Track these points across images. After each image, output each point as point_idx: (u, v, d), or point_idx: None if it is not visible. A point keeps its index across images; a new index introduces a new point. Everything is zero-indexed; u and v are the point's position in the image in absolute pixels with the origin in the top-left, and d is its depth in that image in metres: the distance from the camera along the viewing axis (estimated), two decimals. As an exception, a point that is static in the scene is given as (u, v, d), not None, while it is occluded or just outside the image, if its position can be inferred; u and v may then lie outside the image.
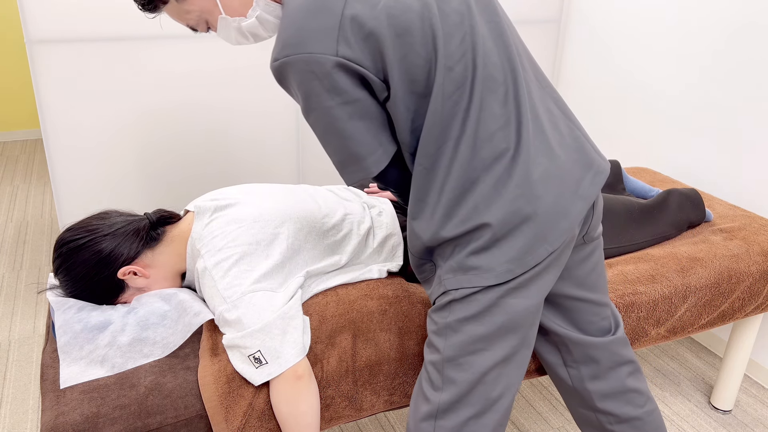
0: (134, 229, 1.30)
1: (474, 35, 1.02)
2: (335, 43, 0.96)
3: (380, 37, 0.97)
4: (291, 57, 0.96)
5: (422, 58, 0.99)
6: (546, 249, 1.07)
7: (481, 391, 1.11)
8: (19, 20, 4.07)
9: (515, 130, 1.05)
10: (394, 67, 0.99)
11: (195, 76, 2.07)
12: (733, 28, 2.03)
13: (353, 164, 1.05)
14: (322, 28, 0.96)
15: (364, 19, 0.96)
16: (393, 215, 1.48)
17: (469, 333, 1.09)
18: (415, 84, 1.01)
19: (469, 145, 1.03)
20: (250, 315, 1.16)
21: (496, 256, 1.06)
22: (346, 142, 1.03)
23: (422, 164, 1.06)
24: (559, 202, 1.07)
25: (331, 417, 1.26)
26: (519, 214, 1.05)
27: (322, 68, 0.96)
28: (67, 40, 1.88)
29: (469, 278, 1.07)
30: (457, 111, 1.02)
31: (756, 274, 1.62)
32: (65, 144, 1.98)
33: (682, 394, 2.05)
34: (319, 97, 0.99)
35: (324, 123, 1.02)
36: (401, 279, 1.42)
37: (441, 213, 1.06)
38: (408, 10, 0.98)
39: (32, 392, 1.98)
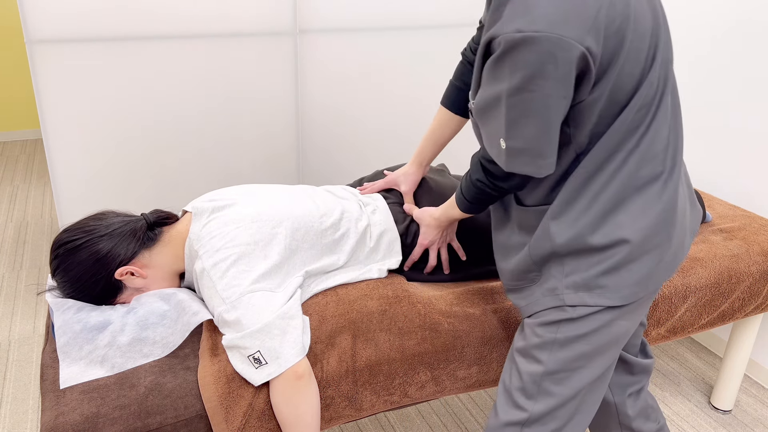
0: (131, 229, 1.30)
1: (667, 52, 1.00)
2: (586, 32, 0.89)
3: (624, 37, 0.92)
4: (541, 34, 0.88)
5: (639, 68, 0.96)
6: (664, 277, 1.09)
7: (572, 405, 1.14)
8: (19, 20, 4.07)
9: (672, 155, 1.05)
10: (614, 71, 0.94)
11: (195, 76, 2.07)
12: (733, 27, 2.02)
13: (531, 156, 0.99)
14: (580, 12, 0.89)
15: (616, 15, 0.91)
16: (387, 212, 1.47)
17: (576, 351, 1.10)
18: (619, 93, 0.97)
19: (636, 161, 1.02)
20: (249, 315, 1.16)
21: (625, 277, 1.06)
22: (541, 136, 0.96)
23: (587, 167, 1.03)
24: (683, 235, 1.10)
25: (331, 417, 1.26)
26: (656, 239, 1.05)
27: (567, 55, 0.88)
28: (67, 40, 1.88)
29: (593, 297, 1.07)
30: (639, 125, 1.01)
31: (756, 274, 1.62)
32: (65, 144, 1.98)
33: (682, 394, 2.05)
34: (544, 82, 0.91)
35: (531, 108, 0.94)
36: (401, 279, 1.42)
37: (587, 221, 1.05)
38: (643, 17, 0.94)
39: (32, 392, 1.98)
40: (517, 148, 0.99)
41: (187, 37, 2.02)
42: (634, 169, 1.02)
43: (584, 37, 0.89)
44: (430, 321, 1.32)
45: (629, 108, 0.98)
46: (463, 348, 1.32)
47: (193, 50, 2.04)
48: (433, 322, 1.32)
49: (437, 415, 1.94)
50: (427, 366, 1.30)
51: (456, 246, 1.45)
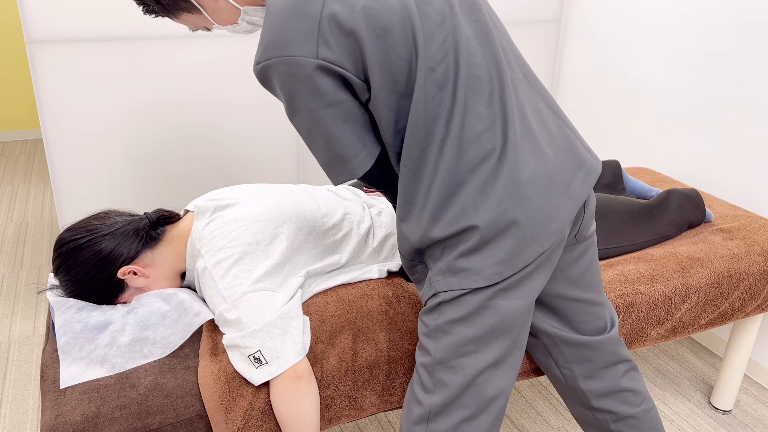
0: (134, 228, 1.30)
1: (456, 35, 1.02)
2: (315, 46, 0.96)
3: (360, 37, 0.97)
4: (272, 60, 0.97)
5: (403, 58, 0.99)
6: (535, 250, 1.06)
7: (474, 393, 1.11)
8: (19, 20, 4.07)
9: (501, 130, 1.04)
10: (374, 67, 0.98)
11: (195, 76, 2.07)
12: (733, 27, 2.03)
13: (338, 165, 1.06)
14: (302, 30, 0.96)
15: (343, 20, 0.96)
16: (392, 215, 1.48)
17: (459, 335, 1.09)
18: (397, 84, 1.00)
19: (455, 147, 1.03)
20: (250, 315, 1.16)
21: (485, 258, 1.05)
22: (330, 144, 1.03)
23: (407, 166, 1.05)
24: (548, 203, 1.06)
25: (331, 417, 1.26)
26: (507, 216, 1.04)
27: (303, 71, 0.96)
28: (67, 40, 1.88)
29: (458, 280, 1.07)
30: (440, 112, 1.02)
31: (756, 274, 1.62)
32: (65, 144, 1.98)
33: (682, 394, 2.05)
34: (302, 99, 0.99)
35: (308, 125, 1.02)
36: (401, 279, 1.42)
37: (428, 215, 1.06)
38: (387, 10, 0.98)
39: (32, 392, 1.98)
40: (324, 162, 1.07)
41: (187, 37, 2.02)
42: (455, 155, 1.03)
43: (314, 51, 0.95)
44: (430, 321, 1.32)
45: (416, 99, 1.00)
46: (464, 348, 1.32)
47: (193, 50, 2.04)
48: (434, 322, 1.32)
49: (437, 415, 1.94)
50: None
51: None
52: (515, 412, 1.94)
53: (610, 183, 1.92)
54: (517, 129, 1.05)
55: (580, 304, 1.24)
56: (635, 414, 1.30)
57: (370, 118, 1.06)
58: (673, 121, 2.28)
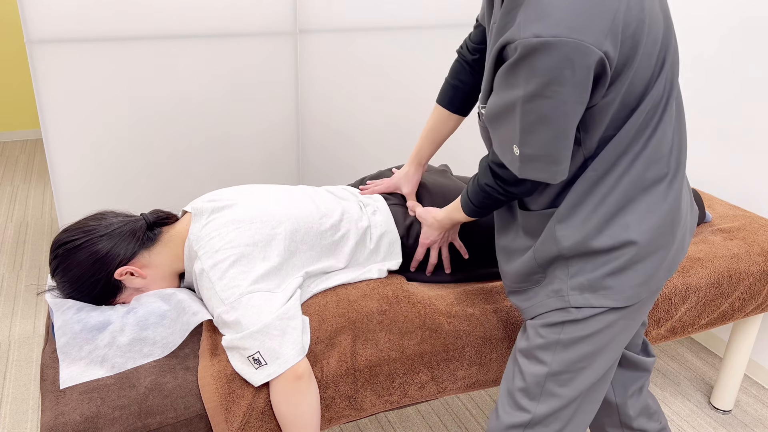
0: (131, 229, 1.30)
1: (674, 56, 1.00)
2: (604, 37, 0.88)
3: (639, 41, 0.91)
4: (560, 39, 0.86)
5: (649, 71, 0.95)
6: (666, 277, 1.09)
7: (575, 406, 1.14)
8: (19, 20, 4.07)
9: (676, 157, 1.05)
10: (627, 74, 0.93)
11: (195, 75, 2.07)
12: (733, 27, 2.02)
13: (545, 163, 0.98)
14: (598, 16, 0.87)
15: (632, 18, 0.90)
16: (387, 213, 1.47)
17: (579, 351, 1.10)
18: (630, 96, 0.96)
19: (644, 163, 1.02)
20: (249, 316, 1.15)
21: (630, 278, 1.06)
22: (555, 142, 0.95)
23: (596, 170, 1.02)
24: (683, 235, 1.10)
25: (331, 417, 1.26)
26: (661, 240, 1.05)
27: (585, 60, 0.87)
28: (67, 40, 1.88)
29: (598, 298, 1.07)
30: (646, 127, 1.00)
31: (756, 274, 1.62)
32: (65, 144, 1.98)
33: (682, 394, 2.05)
34: (561, 88, 0.89)
35: (547, 114, 0.92)
36: (401, 279, 1.42)
37: (594, 224, 1.04)
38: (656, 21, 0.94)
39: (32, 392, 1.98)
40: (532, 155, 0.98)
41: (187, 37, 2.02)
42: (641, 171, 1.02)
43: (602, 42, 0.87)
44: (430, 321, 1.31)
45: (639, 111, 0.98)
46: (463, 348, 1.32)
47: (193, 50, 2.04)
48: (433, 322, 1.32)
49: (437, 415, 1.94)
50: (427, 366, 1.30)
51: (458, 245, 1.45)
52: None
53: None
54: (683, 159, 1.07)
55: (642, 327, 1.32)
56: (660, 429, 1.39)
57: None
58: (673, 121, 2.28)
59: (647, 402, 1.39)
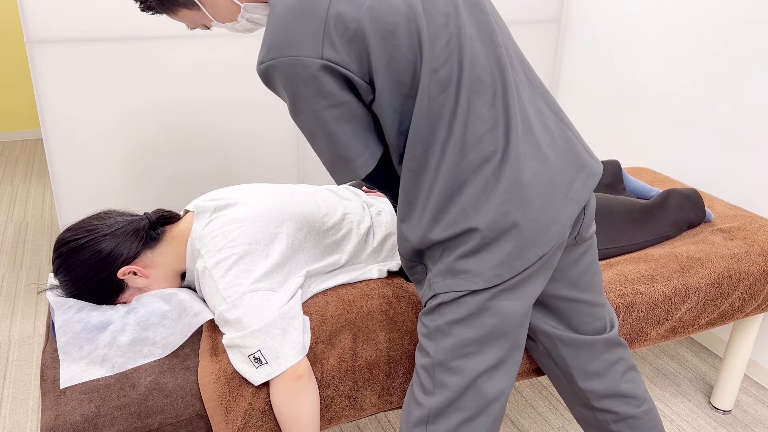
0: (134, 229, 1.30)
1: (461, 37, 1.02)
2: (320, 46, 0.95)
3: (365, 38, 0.96)
4: (276, 60, 0.96)
5: (407, 59, 0.99)
6: (536, 253, 1.06)
7: (473, 394, 1.11)
8: (19, 20, 4.07)
9: (504, 132, 1.04)
10: (379, 69, 0.98)
11: (195, 75, 2.07)
12: (733, 27, 2.03)
13: (342, 166, 1.06)
14: (307, 30, 0.95)
15: (349, 20, 0.96)
16: (392, 214, 1.47)
17: (459, 336, 1.09)
18: (401, 86, 1.00)
19: (457, 148, 1.03)
20: (250, 315, 1.16)
21: (486, 260, 1.05)
22: (333, 144, 1.03)
23: (409, 167, 1.05)
24: (549, 206, 1.06)
25: (331, 417, 1.26)
26: (508, 219, 1.04)
27: (307, 71, 0.96)
28: (67, 40, 1.88)
29: (457, 282, 1.06)
30: (443, 113, 1.02)
31: (756, 274, 1.62)
32: (65, 144, 1.98)
33: (682, 394, 2.05)
34: (305, 100, 0.99)
35: (311, 125, 1.02)
36: (401, 279, 1.42)
37: (429, 216, 1.06)
38: (393, 11, 0.97)
39: (32, 392, 1.98)
40: (328, 162, 1.07)
41: (187, 37, 2.02)
42: (457, 156, 1.03)
43: (319, 51, 0.95)
44: (430, 321, 1.32)
45: (419, 100, 1.00)
46: (464, 348, 1.32)
47: (193, 50, 2.04)
48: (434, 322, 1.32)
49: (437, 415, 1.94)
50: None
51: None
52: (515, 412, 1.93)
53: (610, 183, 1.92)
54: (519, 131, 1.05)
55: (580, 305, 1.24)
56: (636, 414, 1.30)
57: (373, 119, 1.06)
58: (674, 121, 2.28)
59: (618, 387, 1.30)
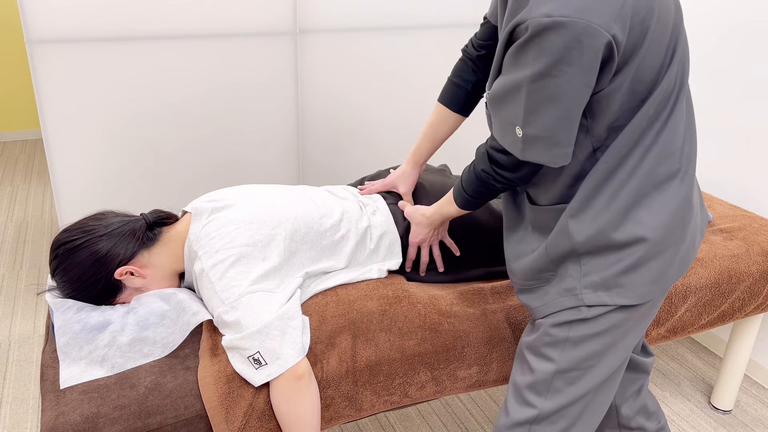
0: (130, 229, 1.30)
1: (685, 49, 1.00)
2: (613, 20, 0.89)
3: (647, 28, 0.92)
4: (570, 19, 0.87)
5: (659, 61, 0.96)
6: (678, 274, 1.07)
7: (582, 404, 1.13)
8: (19, 20, 4.07)
9: (687, 152, 1.04)
10: (637, 59, 0.94)
11: (195, 75, 2.07)
12: (733, 27, 2.02)
13: (548, 145, 0.98)
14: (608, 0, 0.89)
15: (641, 5, 0.91)
16: (387, 213, 1.47)
17: (588, 349, 1.10)
18: (640, 85, 0.97)
19: (655, 157, 1.01)
20: (249, 316, 1.15)
21: (643, 275, 1.05)
22: (560, 123, 0.95)
23: (607, 163, 1.02)
24: (694, 234, 1.09)
25: (331, 417, 1.26)
26: (672, 237, 1.04)
27: (593, 42, 0.88)
28: (67, 40, 1.88)
29: (611, 296, 1.06)
30: (657, 120, 1.00)
31: (756, 274, 1.62)
32: (65, 144, 1.98)
33: (682, 394, 2.05)
34: (568, 68, 0.90)
35: (554, 93, 0.93)
36: (401, 279, 1.42)
37: (607, 218, 1.03)
38: (667, 9, 0.95)
39: (32, 392, 1.98)
40: (535, 136, 0.98)
41: (187, 37, 2.02)
42: (653, 165, 1.01)
43: (611, 25, 0.88)
44: (430, 321, 1.31)
45: (650, 101, 0.98)
46: (463, 348, 1.32)
47: (193, 50, 2.04)
48: (433, 322, 1.32)
49: (437, 415, 1.94)
50: (427, 366, 1.30)
51: (448, 242, 1.45)
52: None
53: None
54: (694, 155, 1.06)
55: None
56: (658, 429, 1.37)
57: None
58: (673, 121, 2.28)
59: (645, 402, 1.38)
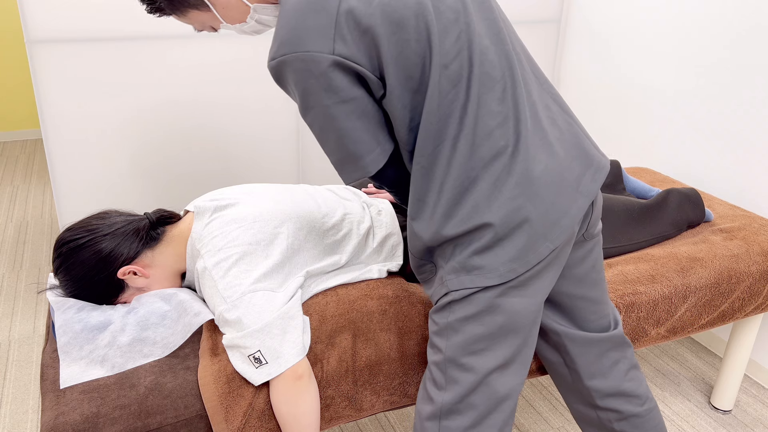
0: (134, 228, 1.30)
1: (470, 33, 1.02)
2: (332, 42, 0.96)
3: (376, 33, 0.97)
4: (287, 56, 0.97)
5: (417, 55, 0.99)
6: (547, 247, 1.06)
7: (485, 391, 1.11)
8: (19, 20, 4.07)
9: (513, 127, 1.05)
10: (390, 63, 0.98)
11: (195, 75, 2.07)
12: (733, 28, 2.03)
13: (351, 163, 1.05)
14: (318, 26, 0.96)
15: (360, 15, 0.96)
16: (392, 214, 1.47)
17: (470, 333, 1.09)
18: (411, 81, 1.01)
19: (468, 143, 1.03)
20: (250, 315, 1.16)
21: (499, 255, 1.05)
22: (343, 141, 1.03)
23: (420, 163, 1.05)
24: (559, 200, 1.07)
25: (331, 417, 1.26)
26: (520, 213, 1.04)
27: (318, 67, 0.96)
28: (67, 40, 1.88)
29: (471, 278, 1.07)
30: (453, 109, 1.02)
31: (756, 274, 1.62)
32: (65, 144, 1.98)
33: (682, 394, 2.05)
34: (316, 96, 0.99)
35: (321, 121, 1.02)
36: (401, 279, 1.42)
37: (441, 212, 1.06)
38: (403, 6, 0.98)
39: (32, 392, 1.98)
40: (337, 160, 1.06)
41: (187, 37, 2.02)
42: (468, 152, 1.03)
43: (330, 46, 0.95)
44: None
45: (430, 95, 1.00)
46: (463, 348, 1.32)
47: (193, 50, 2.04)
48: (434, 322, 1.32)
49: (437, 415, 1.94)
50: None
51: None
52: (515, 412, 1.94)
53: (610, 183, 1.92)
54: (529, 126, 1.06)
55: (586, 302, 1.25)
56: (639, 413, 1.31)
57: (384, 115, 1.06)
58: (674, 121, 2.28)
59: (622, 386, 1.29)
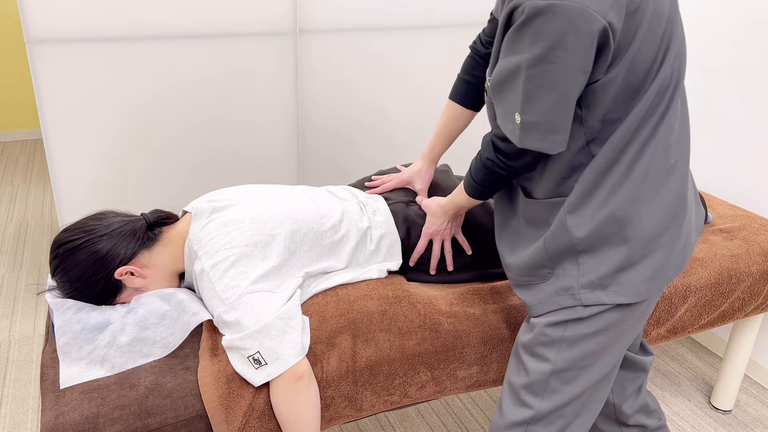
0: (131, 229, 1.30)
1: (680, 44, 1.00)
2: (609, 7, 0.89)
3: (643, 18, 0.92)
4: (565, 3, 0.88)
5: (653, 53, 0.95)
6: (675, 272, 1.06)
7: (579, 403, 1.13)
8: (19, 20, 4.07)
9: (683, 148, 1.04)
10: (632, 50, 0.93)
11: (195, 75, 2.07)
12: (733, 27, 2.02)
13: (543, 132, 0.98)
14: None
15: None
16: (388, 214, 1.47)
17: (584, 349, 1.09)
18: (634, 76, 0.96)
19: (653, 152, 1.00)
20: (249, 316, 1.15)
21: (640, 273, 1.04)
22: (557, 109, 0.95)
23: (605, 157, 1.01)
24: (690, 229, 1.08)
25: (331, 417, 1.26)
26: (667, 234, 1.03)
27: (588, 27, 0.88)
28: (67, 40, 1.88)
29: (608, 295, 1.05)
30: (653, 114, 0.99)
31: (756, 274, 1.62)
32: (65, 144, 1.98)
33: (682, 394, 2.05)
34: (564, 53, 0.90)
35: (551, 80, 0.93)
36: (401, 279, 1.42)
37: (605, 214, 1.03)
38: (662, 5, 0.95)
39: (32, 392, 1.98)
40: (532, 122, 0.98)
41: (187, 37, 2.02)
42: (650, 160, 1.01)
43: (607, 11, 0.89)
44: (430, 321, 1.31)
45: (646, 95, 0.97)
46: (464, 348, 1.32)
47: (193, 50, 2.04)
48: (434, 322, 1.32)
49: (437, 415, 1.94)
50: (427, 366, 1.30)
51: (461, 239, 1.45)
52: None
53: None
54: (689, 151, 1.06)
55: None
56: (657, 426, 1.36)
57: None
58: (673, 121, 2.28)
59: (646, 401, 1.38)
